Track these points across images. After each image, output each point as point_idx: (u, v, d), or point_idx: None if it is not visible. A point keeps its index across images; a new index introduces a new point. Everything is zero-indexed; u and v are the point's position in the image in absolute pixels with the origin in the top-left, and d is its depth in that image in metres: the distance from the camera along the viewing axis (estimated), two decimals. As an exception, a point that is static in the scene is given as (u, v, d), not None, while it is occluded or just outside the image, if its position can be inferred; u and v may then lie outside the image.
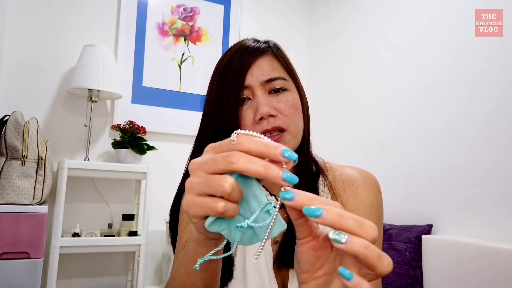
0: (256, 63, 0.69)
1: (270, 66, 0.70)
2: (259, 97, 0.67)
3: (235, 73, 0.68)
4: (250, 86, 0.68)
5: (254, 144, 0.35)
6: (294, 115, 0.69)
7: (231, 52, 0.71)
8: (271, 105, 0.67)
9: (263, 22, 2.74)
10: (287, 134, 0.67)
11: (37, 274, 1.67)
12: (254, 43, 0.72)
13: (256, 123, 0.66)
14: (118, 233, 2.05)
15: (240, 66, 0.68)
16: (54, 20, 2.16)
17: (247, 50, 0.70)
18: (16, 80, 2.06)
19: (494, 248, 1.42)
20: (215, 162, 0.35)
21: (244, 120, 0.67)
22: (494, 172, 1.60)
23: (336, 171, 0.77)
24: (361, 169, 0.78)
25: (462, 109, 1.76)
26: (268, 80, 0.68)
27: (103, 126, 2.25)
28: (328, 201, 0.35)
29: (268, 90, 0.69)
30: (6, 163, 1.76)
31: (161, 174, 2.24)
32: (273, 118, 0.67)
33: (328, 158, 0.81)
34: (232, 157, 0.34)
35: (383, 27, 2.26)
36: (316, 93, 2.70)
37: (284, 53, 0.74)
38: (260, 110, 0.65)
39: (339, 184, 0.75)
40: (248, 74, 0.68)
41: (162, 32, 2.42)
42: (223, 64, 0.71)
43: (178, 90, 2.43)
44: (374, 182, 0.76)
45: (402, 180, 1.99)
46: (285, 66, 0.72)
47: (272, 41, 0.75)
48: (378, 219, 0.72)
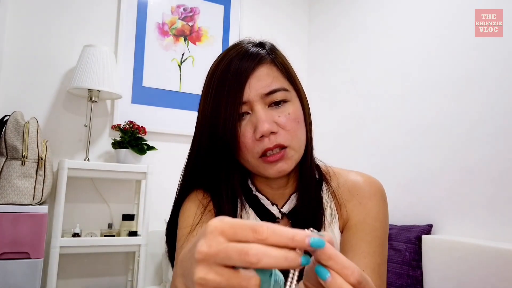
0: (254, 74, 0.64)
1: (269, 77, 0.65)
2: (258, 112, 0.63)
3: (232, 86, 0.63)
4: (249, 100, 0.64)
5: (279, 239, 0.31)
6: (296, 129, 0.65)
7: (227, 60, 0.66)
8: (272, 120, 0.63)
9: (263, 20, 2.74)
10: (289, 150, 0.64)
11: (37, 274, 1.67)
12: (250, 47, 0.67)
13: (256, 140, 0.63)
14: (118, 233, 2.04)
15: (237, 78, 0.64)
16: (54, 20, 2.16)
17: (244, 57, 0.65)
18: (16, 80, 2.06)
19: (494, 248, 1.42)
20: (229, 258, 0.31)
21: (243, 138, 0.64)
22: (494, 172, 1.60)
23: (340, 178, 0.74)
24: (366, 176, 0.74)
25: (462, 109, 1.76)
26: (268, 93, 0.64)
27: (103, 126, 2.25)
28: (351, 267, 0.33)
29: (268, 103, 0.65)
30: (6, 163, 1.76)
31: (161, 174, 2.24)
32: (275, 135, 0.63)
33: (327, 156, 0.80)
34: (252, 257, 0.30)
35: (383, 21, 2.26)
36: (316, 87, 2.70)
37: (282, 57, 0.70)
38: (261, 128, 0.62)
39: (344, 193, 0.72)
40: (246, 87, 0.63)
41: (162, 32, 2.42)
42: (218, 74, 0.66)
43: (178, 90, 2.43)
44: (380, 190, 0.73)
45: (402, 180, 1.99)
46: (285, 73, 0.68)
47: (268, 43, 0.71)
48: (383, 232, 0.69)
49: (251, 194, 0.72)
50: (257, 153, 0.64)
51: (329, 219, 0.70)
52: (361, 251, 0.65)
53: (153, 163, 2.19)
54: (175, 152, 2.36)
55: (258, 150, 0.64)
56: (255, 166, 0.66)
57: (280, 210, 0.71)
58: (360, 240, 0.66)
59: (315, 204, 0.69)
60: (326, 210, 0.70)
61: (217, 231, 0.32)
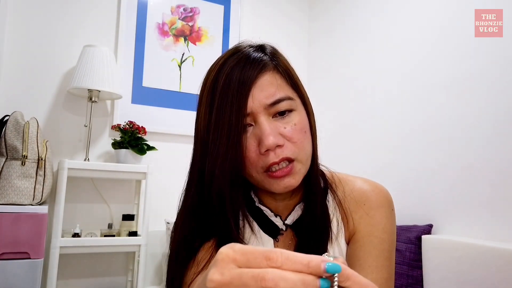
0: (256, 83, 0.60)
1: (273, 85, 0.61)
2: (262, 124, 0.59)
3: (234, 98, 0.59)
4: (252, 112, 0.60)
5: (294, 265, 0.30)
6: (303, 140, 0.62)
7: (227, 68, 0.61)
8: (277, 132, 0.60)
9: (263, 20, 2.74)
10: (297, 164, 0.61)
11: (37, 274, 1.67)
12: (251, 53, 0.63)
13: (261, 154, 0.60)
14: (118, 233, 2.05)
15: (239, 88, 0.59)
16: (54, 20, 2.16)
17: (245, 66, 0.61)
18: (16, 80, 2.06)
19: (494, 248, 1.42)
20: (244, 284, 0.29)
21: (248, 152, 0.60)
22: (494, 172, 1.60)
23: (346, 186, 0.70)
24: (373, 184, 0.71)
25: (462, 109, 1.76)
26: (272, 103, 0.60)
27: (103, 126, 2.25)
28: None
29: (273, 113, 0.61)
30: (6, 163, 1.76)
31: (161, 174, 2.24)
32: (281, 148, 0.59)
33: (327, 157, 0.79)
34: (269, 282, 0.28)
35: (383, 22, 2.26)
36: (317, 88, 2.70)
37: (285, 61, 0.66)
38: (266, 141, 0.58)
39: (350, 203, 0.68)
40: (249, 98, 0.59)
41: (162, 32, 2.42)
42: (219, 86, 0.61)
43: (178, 90, 2.43)
44: (387, 200, 0.70)
45: (402, 180, 1.99)
46: (288, 80, 0.64)
47: (268, 46, 0.66)
48: (391, 243, 0.67)
49: (253, 205, 0.70)
50: (262, 168, 0.61)
51: (335, 231, 0.68)
52: (368, 265, 0.64)
53: (153, 163, 2.19)
54: (175, 152, 2.36)
55: (263, 165, 0.60)
56: (260, 182, 0.63)
57: (284, 221, 0.69)
58: (367, 254, 0.65)
59: (321, 215, 0.67)
60: (333, 222, 0.68)
61: (229, 259, 0.30)
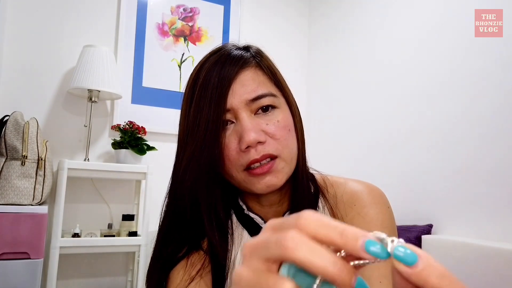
0: (237, 78, 0.58)
1: (255, 81, 0.59)
2: (243, 120, 0.57)
3: (213, 93, 0.57)
4: (233, 108, 0.57)
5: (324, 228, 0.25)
6: (286, 138, 0.59)
7: (207, 66, 0.60)
8: (259, 129, 0.57)
9: (263, 22, 2.74)
10: (279, 162, 0.58)
11: (37, 274, 1.67)
12: (233, 50, 0.61)
13: (242, 151, 0.57)
14: (118, 233, 2.04)
15: (219, 83, 0.57)
16: (54, 20, 2.16)
17: (226, 62, 0.59)
18: (16, 80, 2.06)
19: (494, 248, 1.42)
20: (266, 246, 0.26)
21: (227, 149, 0.57)
22: (494, 172, 1.60)
23: (338, 189, 0.66)
24: (365, 183, 0.67)
25: (462, 109, 1.76)
26: (254, 99, 0.58)
27: (103, 126, 2.25)
28: None
29: (255, 110, 0.58)
30: (6, 163, 1.76)
31: (161, 174, 2.23)
32: (262, 145, 0.57)
33: (328, 157, 0.79)
34: (289, 241, 0.24)
35: (383, 25, 2.26)
36: (317, 91, 2.70)
37: (269, 60, 0.64)
38: (246, 138, 0.55)
39: (342, 207, 0.64)
40: (229, 94, 0.57)
41: (162, 33, 2.42)
42: (199, 83, 0.60)
43: (178, 90, 2.43)
44: (381, 197, 0.65)
45: (402, 180, 1.99)
46: (272, 78, 0.62)
47: (254, 46, 0.65)
48: None
49: (242, 213, 0.66)
50: (242, 166, 0.58)
51: None
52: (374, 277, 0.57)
53: (153, 163, 2.19)
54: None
55: (243, 163, 0.57)
56: (241, 182, 0.59)
57: None
58: None
59: None
60: None
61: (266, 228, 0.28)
